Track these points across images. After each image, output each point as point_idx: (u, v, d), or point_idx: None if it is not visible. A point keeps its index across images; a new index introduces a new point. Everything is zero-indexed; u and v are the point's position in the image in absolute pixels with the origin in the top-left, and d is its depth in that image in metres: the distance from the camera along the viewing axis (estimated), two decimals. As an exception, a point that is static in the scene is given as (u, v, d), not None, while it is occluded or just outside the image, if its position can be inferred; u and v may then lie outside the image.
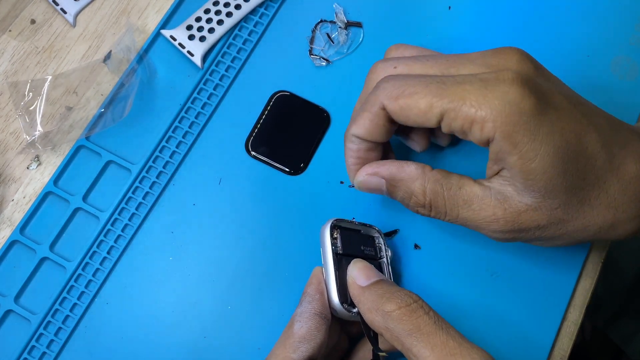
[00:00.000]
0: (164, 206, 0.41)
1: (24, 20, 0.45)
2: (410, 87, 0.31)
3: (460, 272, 0.39)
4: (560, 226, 0.31)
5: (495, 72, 0.30)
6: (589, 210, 0.31)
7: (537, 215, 0.31)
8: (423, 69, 0.33)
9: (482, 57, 0.32)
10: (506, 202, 0.31)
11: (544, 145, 0.29)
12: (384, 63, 0.34)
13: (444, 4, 0.45)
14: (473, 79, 0.30)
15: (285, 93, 0.43)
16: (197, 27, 0.43)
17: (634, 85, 0.43)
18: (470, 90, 0.29)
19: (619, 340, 0.67)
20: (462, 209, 0.32)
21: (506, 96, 0.29)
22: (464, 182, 0.32)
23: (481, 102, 0.29)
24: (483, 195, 0.31)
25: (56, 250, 0.40)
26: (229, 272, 0.39)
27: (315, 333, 0.32)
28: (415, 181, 0.33)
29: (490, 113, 0.29)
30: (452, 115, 0.30)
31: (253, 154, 0.42)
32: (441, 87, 0.30)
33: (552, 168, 0.29)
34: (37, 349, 0.38)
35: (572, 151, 0.29)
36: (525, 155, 0.29)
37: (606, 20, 0.45)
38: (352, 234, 0.36)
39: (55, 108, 0.41)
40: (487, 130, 0.29)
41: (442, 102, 0.30)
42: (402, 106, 0.31)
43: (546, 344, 0.38)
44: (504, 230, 0.32)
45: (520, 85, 0.29)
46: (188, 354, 0.38)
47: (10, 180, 0.41)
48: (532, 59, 0.32)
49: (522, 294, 0.39)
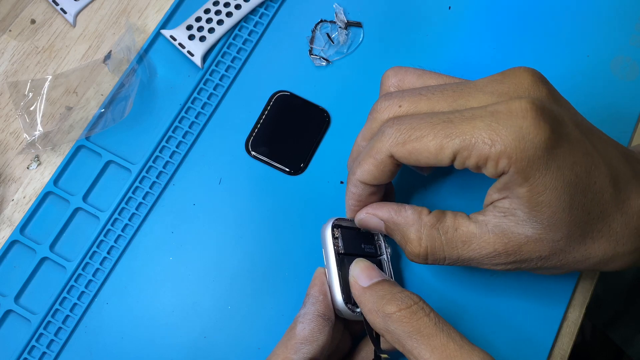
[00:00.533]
0: (164, 206, 0.41)
1: (24, 20, 0.45)
2: (416, 130, 0.30)
3: (460, 272, 0.39)
4: (562, 257, 0.31)
5: (506, 102, 0.29)
6: (590, 243, 0.30)
7: (539, 247, 0.30)
8: (430, 105, 0.31)
9: (492, 83, 0.31)
10: (505, 235, 0.30)
11: (555, 179, 0.28)
12: (388, 101, 0.32)
13: (444, 4, 0.45)
14: (483, 112, 0.29)
15: (285, 93, 0.43)
16: (197, 27, 0.43)
17: (634, 85, 0.43)
18: (482, 127, 0.28)
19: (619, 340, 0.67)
20: (462, 250, 0.31)
21: (520, 131, 0.28)
22: (459, 222, 0.31)
23: (494, 138, 0.28)
24: (480, 233, 0.31)
25: (56, 250, 0.40)
26: (229, 272, 0.39)
27: (317, 335, 0.32)
28: (411, 227, 0.32)
29: (504, 149, 0.28)
30: (465, 154, 0.29)
31: (253, 154, 0.42)
32: (449, 125, 0.29)
33: (558, 202, 0.29)
34: (37, 349, 0.38)
35: (580, 185, 0.29)
36: (535, 188, 0.28)
37: (606, 20, 0.45)
38: (352, 233, 0.36)
39: (55, 108, 0.41)
40: (502, 166, 0.28)
41: (453, 142, 0.29)
42: (410, 151, 0.30)
43: (546, 344, 0.38)
44: (507, 262, 0.31)
45: (533, 117, 0.28)
46: (188, 354, 0.38)
47: (10, 180, 0.41)
48: (545, 80, 0.31)
49: (522, 293, 0.39)
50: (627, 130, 0.42)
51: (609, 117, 0.42)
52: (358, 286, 0.32)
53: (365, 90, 0.43)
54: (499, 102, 0.29)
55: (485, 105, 0.29)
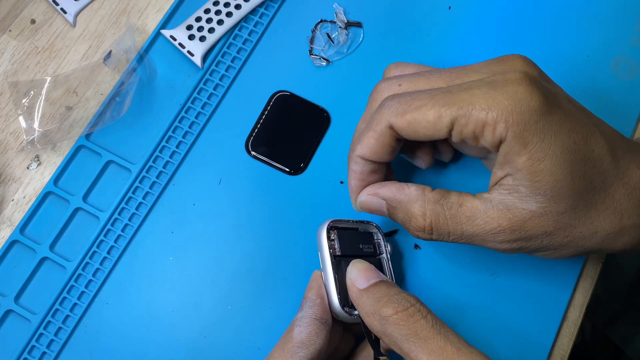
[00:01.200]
0: (164, 206, 0.41)
1: (24, 20, 0.45)
2: (416, 100, 0.30)
3: (460, 272, 0.39)
4: (568, 232, 0.30)
5: (502, 73, 0.30)
6: (595, 215, 0.30)
7: (544, 221, 0.30)
8: (428, 83, 0.32)
9: (486, 65, 0.32)
10: (510, 211, 0.30)
11: (552, 145, 0.29)
12: (387, 82, 0.34)
13: (444, 4, 0.45)
14: (480, 82, 0.30)
15: (285, 93, 0.43)
16: (197, 27, 0.43)
17: (634, 85, 0.43)
18: (479, 94, 0.29)
19: (619, 340, 0.67)
20: (466, 225, 0.31)
21: (515, 95, 0.29)
22: (463, 198, 0.32)
23: (491, 104, 0.29)
24: (485, 208, 0.31)
25: (56, 250, 0.40)
26: (229, 272, 0.39)
27: (314, 339, 0.32)
28: (414, 203, 0.32)
29: (501, 114, 0.28)
30: (462, 121, 0.29)
31: (253, 154, 0.42)
32: (447, 95, 0.30)
33: (559, 169, 0.29)
34: (37, 349, 0.38)
35: (579, 152, 0.29)
36: (535, 155, 0.29)
37: (606, 20, 0.45)
38: (349, 234, 0.36)
39: (55, 108, 0.41)
40: (499, 131, 0.29)
41: (451, 110, 0.29)
42: (409, 121, 0.30)
43: (546, 343, 0.38)
44: (511, 240, 0.31)
45: (527, 84, 0.29)
46: (188, 354, 0.38)
47: (10, 180, 0.41)
48: (536, 65, 0.32)
49: (522, 293, 0.39)
50: (627, 131, 0.42)
51: (609, 117, 0.42)
52: (355, 289, 0.32)
53: (365, 90, 0.42)
54: (495, 75, 0.30)
55: (482, 78, 0.31)
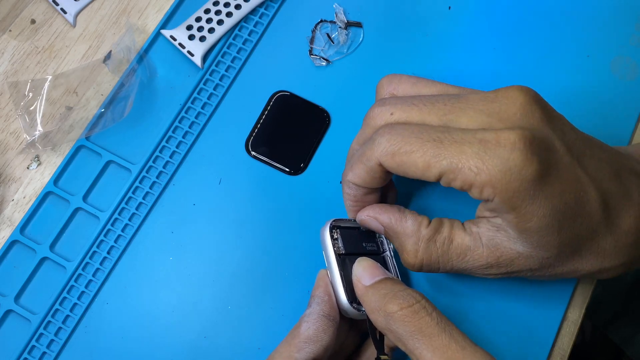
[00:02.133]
0: (164, 206, 0.41)
1: (24, 20, 0.45)
2: (406, 144, 0.30)
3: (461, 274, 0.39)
4: (551, 269, 0.32)
5: (495, 131, 0.29)
6: (578, 259, 0.31)
7: (529, 262, 0.31)
8: (421, 116, 0.31)
9: (483, 101, 0.31)
10: (498, 250, 0.31)
11: (542, 208, 0.29)
12: (381, 108, 0.33)
13: (444, 4, 0.45)
14: (472, 139, 0.29)
15: (285, 93, 0.43)
16: (197, 27, 0.43)
17: (634, 85, 0.43)
18: (469, 153, 0.28)
19: (619, 340, 0.67)
20: (456, 262, 0.32)
21: (507, 163, 0.28)
22: (454, 233, 0.32)
23: (480, 167, 0.28)
24: (474, 246, 0.31)
25: (56, 250, 0.40)
26: (229, 272, 0.39)
27: (321, 335, 0.32)
28: (410, 238, 0.32)
29: (489, 180, 0.28)
30: (451, 176, 0.29)
31: (253, 154, 0.42)
32: (438, 146, 0.29)
33: (547, 228, 0.29)
34: (37, 349, 0.38)
35: (569, 212, 0.29)
36: (523, 217, 0.29)
37: (606, 20, 0.45)
38: (352, 232, 0.36)
39: (55, 108, 0.41)
40: (487, 194, 0.29)
41: (441, 163, 0.29)
42: (399, 163, 0.30)
43: (546, 344, 0.38)
44: (498, 273, 0.32)
45: (521, 150, 0.28)
46: (188, 354, 0.38)
47: (10, 180, 0.41)
48: (539, 99, 0.31)
49: (522, 293, 0.39)
50: (627, 131, 0.42)
51: (609, 117, 0.43)
52: (361, 285, 0.32)
53: (365, 90, 0.43)
54: (489, 130, 0.29)
55: (475, 129, 0.30)
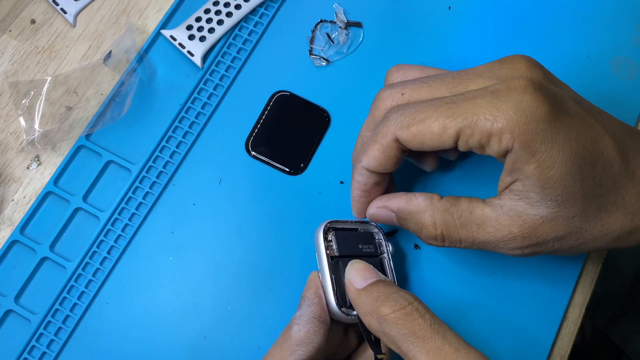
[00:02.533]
0: (164, 206, 0.41)
1: (24, 20, 0.45)
2: (420, 112, 0.30)
3: (461, 272, 0.39)
4: (579, 235, 0.30)
5: (505, 81, 0.29)
6: (606, 217, 0.30)
7: (555, 226, 0.30)
8: (431, 91, 0.32)
9: (490, 69, 0.32)
10: (520, 217, 0.30)
11: (562, 152, 0.28)
12: (390, 90, 0.33)
13: (444, 4, 0.45)
14: (484, 92, 0.29)
15: (285, 93, 0.43)
16: (197, 27, 0.43)
17: (634, 85, 0.43)
18: (483, 104, 0.29)
19: (619, 340, 0.67)
20: (477, 233, 0.31)
21: (520, 105, 0.28)
22: (474, 205, 0.31)
23: (496, 114, 0.28)
24: (496, 215, 0.31)
25: (56, 250, 0.40)
26: (229, 272, 0.39)
27: (312, 337, 0.32)
28: (424, 213, 0.32)
29: (506, 124, 0.28)
30: (468, 132, 0.29)
31: (253, 154, 0.42)
32: (452, 106, 0.30)
33: (569, 175, 0.29)
34: (37, 349, 0.38)
35: (588, 157, 0.29)
36: (544, 163, 0.28)
37: (606, 20, 0.45)
38: (348, 234, 0.35)
39: (55, 108, 0.42)
40: (505, 141, 0.29)
41: (456, 121, 0.29)
42: (415, 133, 0.30)
43: (546, 343, 0.38)
44: (523, 246, 0.31)
45: (532, 92, 0.28)
46: (188, 354, 0.38)
47: (10, 180, 0.41)
48: (541, 65, 0.32)
49: (522, 293, 0.39)
50: (627, 130, 0.42)
51: (609, 117, 0.43)
52: (353, 288, 0.31)
53: (365, 90, 0.43)
54: (499, 82, 0.30)
55: (486, 87, 0.30)
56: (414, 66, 0.36)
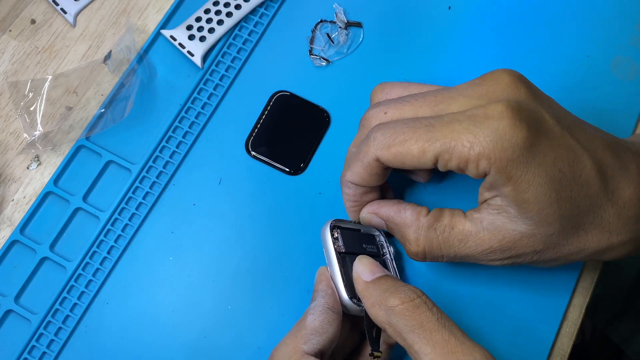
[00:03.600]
0: (164, 206, 0.41)
1: (24, 20, 0.45)
2: (399, 134, 0.31)
3: (460, 272, 0.39)
4: (557, 250, 0.31)
5: (483, 106, 0.30)
6: (583, 234, 0.31)
7: (533, 242, 0.31)
8: (413, 110, 0.33)
9: (471, 86, 0.32)
10: (500, 232, 0.31)
11: (537, 176, 0.29)
12: (375, 109, 0.34)
13: (444, 4, 0.45)
14: (461, 117, 0.30)
15: (285, 93, 0.43)
16: (197, 27, 0.43)
17: (634, 85, 0.43)
18: (460, 130, 0.29)
19: (619, 340, 0.67)
20: (458, 248, 0.32)
21: (497, 132, 0.28)
22: (455, 221, 0.32)
23: (472, 141, 0.29)
24: (476, 231, 0.32)
25: (56, 250, 0.40)
26: (229, 272, 0.39)
27: (327, 327, 0.32)
28: (410, 228, 0.33)
29: (483, 151, 0.29)
30: (446, 157, 0.30)
31: (253, 154, 0.42)
32: (430, 130, 0.30)
33: (544, 197, 0.29)
34: (37, 349, 0.38)
35: (565, 180, 0.29)
36: (519, 187, 0.29)
37: (606, 20, 0.45)
38: (352, 233, 0.36)
39: (55, 108, 0.42)
40: (483, 167, 0.29)
41: (434, 145, 0.30)
42: (395, 154, 0.31)
43: (546, 343, 0.38)
44: (503, 258, 0.32)
45: (509, 118, 0.29)
46: (188, 354, 0.38)
47: (10, 180, 0.41)
48: (524, 79, 0.32)
49: (522, 293, 0.39)
50: (627, 131, 0.42)
51: (609, 117, 0.42)
52: (361, 281, 0.32)
53: (365, 90, 0.43)
54: (477, 106, 0.30)
55: (464, 109, 0.30)
56: (397, 83, 0.36)
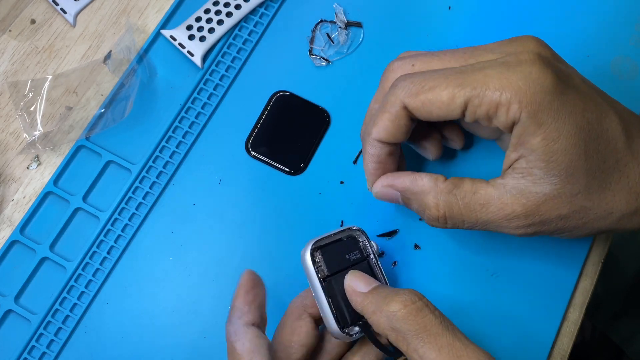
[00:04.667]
0: (164, 206, 0.41)
1: (24, 20, 0.45)
2: (429, 81, 0.31)
3: (461, 273, 0.39)
4: (583, 214, 0.30)
5: (515, 54, 0.30)
6: (610, 195, 0.30)
7: (558, 204, 0.30)
8: (441, 63, 0.32)
9: (500, 46, 0.32)
10: (523, 196, 0.30)
11: (567, 124, 0.29)
12: (401, 61, 0.34)
13: (444, 4, 0.45)
14: (494, 63, 0.30)
15: (285, 93, 0.43)
16: (197, 27, 0.43)
17: (634, 85, 0.43)
18: (492, 75, 0.29)
19: (619, 340, 0.67)
20: (480, 213, 0.31)
21: (529, 76, 0.29)
22: (477, 186, 0.32)
23: (505, 84, 0.29)
24: (499, 195, 0.31)
25: (56, 250, 0.40)
26: (229, 271, 0.39)
27: (258, 341, 0.29)
28: (428, 194, 0.32)
29: (515, 95, 0.29)
30: (476, 102, 0.29)
31: (253, 154, 0.42)
32: (461, 76, 0.30)
33: (574, 148, 0.29)
34: (37, 349, 0.38)
35: (593, 132, 0.29)
36: (549, 135, 0.29)
37: (606, 20, 0.45)
38: (334, 248, 0.34)
39: (55, 108, 0.42)
40: (513, 112, 0.29)
41: (465, 90, 0.30)
42: (423, 101, 0.31)
43: (546, 343, 0.38)
44: (526, 225, 0.31)
45: (541, 65, 0.29)
46: (188, 354, 0.38)
47: (10, 180, 0.41)
48: (548, 46, 0.32)
49: (522, 294, 0.38)
50: (627, 130, 0.42)
51: (609, 117, 0.42)
52: (358, 293, 0.31)
53: (366, 90, 0.43)
54: (509, 54, 0.30)
55: (496, 58, 0.31)
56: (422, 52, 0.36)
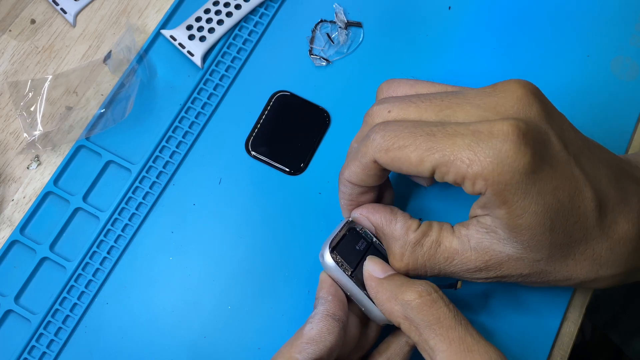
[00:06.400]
0: (164, 206, 0.41)
1: (24, 20, 0.45)
2: (399, 139, 0.30)
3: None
4: (543, 276, 0.31)
5: (489, 122, 0.28)
6: (572, 264, 0.30)
7: (519, 265, 0.30)
8: (418, 112, 0.31)
9: (480, 95, 0.30)
10: (487, 253, 0.30)
11: (534, 204, 0.28)
12: (379, 107, 0.33)
13: (444, 4, 0.45)
14: (465, 130, 0.28)
15: (285, 93, 0.43)
16: (197, 27, 0.43)
17: (634, 85, 0.43)
18: (461, 145, 0.28)
19: (619, 340, 0.67)
20: (443, 265, 0.31)
21: (499, 154, 0.27)
22: (442, 237, 0.31)
23: (472, 158, 0.28)
24: (462, 249, 0.31)
25: (56, 250, 0.40)
26: (229, 272, 0.39)
27: (325, 335, 0.31)
28: (397, 241, 0.32)
29: (481, 171, 0.28)
30: (443, 169, 0.29)
31: (253, 154, 0.42)
32: (431, 139, 0.29)
33: (538, 225, 0.28)
34: (37, 349, 0.38)
35: (562, 210, 0.29)
36: (514, 212, 0.28)
37: (606, 20, 0.45)
38: (344, 244, 0.35)
39: (55, 108, 0.42)
40: (479, 187, 0.28)
41: (433, 156, 0.29)
42: (392, 159, 0.30)
43: (546, 343, 0.38)
44: (487, 277, 0.32)
45: (514, 141, 0.27)
46: (188, 354, 0.38)
47: (10, 180, 0.41)
48: (538, 93, 0.30)
49: (522, 293, 0.39)
50: (627, 131, 0.42)
51: (609, 117, 0.43)
52: (374, 277, 0.32)
53: (365, 90, 0.43)
54: (483, 120, 0.29)
55: (469, 122, 0.29)
56: (404, 81, 0.35)
